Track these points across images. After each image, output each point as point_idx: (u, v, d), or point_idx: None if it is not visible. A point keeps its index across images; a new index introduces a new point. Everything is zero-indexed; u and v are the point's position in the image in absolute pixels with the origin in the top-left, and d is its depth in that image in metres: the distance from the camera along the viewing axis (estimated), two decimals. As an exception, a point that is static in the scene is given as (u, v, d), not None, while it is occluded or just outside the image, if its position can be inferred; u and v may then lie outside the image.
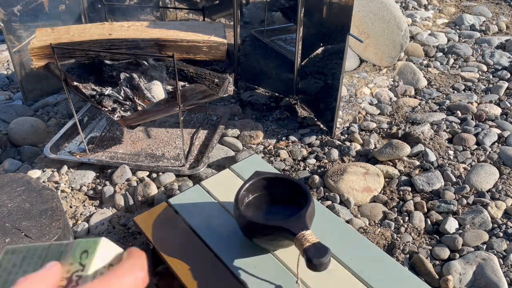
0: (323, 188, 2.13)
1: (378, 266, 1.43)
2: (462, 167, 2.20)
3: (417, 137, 2.41)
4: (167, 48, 2.31)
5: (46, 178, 2.21)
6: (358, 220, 1.94)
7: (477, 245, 1.81)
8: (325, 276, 1.38)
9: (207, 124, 2.64)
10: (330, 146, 2.41)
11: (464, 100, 2.82)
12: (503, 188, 2.08)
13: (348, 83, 3.00)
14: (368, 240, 1.55)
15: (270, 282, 1.38)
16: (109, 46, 2.26)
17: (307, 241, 1.26)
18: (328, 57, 2.58)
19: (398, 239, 1.86)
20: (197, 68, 2.35)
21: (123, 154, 2.35)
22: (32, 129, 2.50)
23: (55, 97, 2.89)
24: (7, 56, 3.38)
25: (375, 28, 3.09)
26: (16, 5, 2.66)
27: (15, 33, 2.65)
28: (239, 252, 1.48)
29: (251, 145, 2.47)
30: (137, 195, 2.08)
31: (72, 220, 2.01)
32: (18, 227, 1.51)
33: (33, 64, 2.22)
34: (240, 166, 1.91)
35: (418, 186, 2.10)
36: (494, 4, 4.39)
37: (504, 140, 2.41)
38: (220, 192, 1.75)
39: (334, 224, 1.61)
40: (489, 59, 3.32)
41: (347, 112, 2.73)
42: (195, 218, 1.63)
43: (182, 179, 2.20)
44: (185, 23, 2.99)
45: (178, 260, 1.46)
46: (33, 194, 1.65)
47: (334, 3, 2.41)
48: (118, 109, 2.18)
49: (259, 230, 1.41)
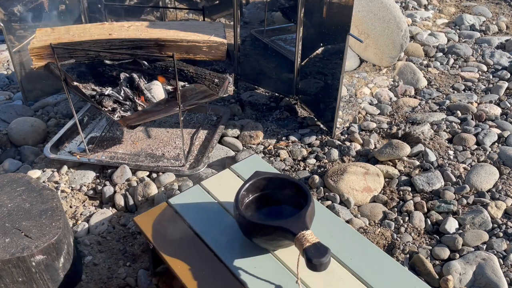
0: (323, 188, 2.13)
1: (378, 266, 1.43)
2: (462, 167, 2.20)
3: (417, 137, 2.41)
4: (167, 48, 2.31)
5: (46, 178, 2.21)
6: (358, 220, 1.94)
7: (477, 245, 1.81)
8: (325, 276, 1.38)
9: (207, 124, 2.64)
10: (330, 146, 2.41)
11: (464, 100, 2.82)
12: (503, 188, 2.08)
13: (348, 83, 3.00)
14: (368, 240, 1.55)
15: (270, 282, 1.38)
16: (109, 46, 2.26)
17: (307, 241, 1.26)
18: (328, 57, 2.58)
19: (398, 239, 1.86)
20: (197, 68, 2.35)
21: (123, 154, 2.35)
22: (32, 129, 2.50)
23: (55, 97, 2.89)
24: (7, 56, 3.38)
25: (375, 28, 3.09)
26: (16, 5, 2.66)
27: (15, 33, 2.65)
28: (239, 252, 1.48)
29: (251, 145, 2.47)
30: (137, 195, 2.08)
31: (72, 220, 2.01)
32: (18, 227, 1.51)
33: (33, 64, 2.22)
34: (240, 166, 1.91)
35: (418, 186, 2.10)
36: (494, 4, 4.39)
37: (504, 140, 2.41)
38: (220, 192, 1.75)
39: (334, 224, 1.61)
40: (489, 59, 3.32)
41: (347, 112, 2.73)
42: (195, 218, 1.63)
43: (182, 179, 2.20)
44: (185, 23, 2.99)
45: (178, 260, 1.46)
46: (33, 194, 1.65)
47: (334, 3, 2.41)
48: (118, 109, 2.18)
49: (259, 230, 1.41)
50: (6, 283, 1.44)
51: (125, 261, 1.81)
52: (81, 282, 1.71)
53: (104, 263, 1.80)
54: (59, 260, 1.54)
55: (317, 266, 1.21)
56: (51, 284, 1.55)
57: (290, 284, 1.37)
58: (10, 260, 1.40)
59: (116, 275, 1.74)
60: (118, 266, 1.79)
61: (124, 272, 1.76)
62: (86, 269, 1.76)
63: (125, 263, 1.80)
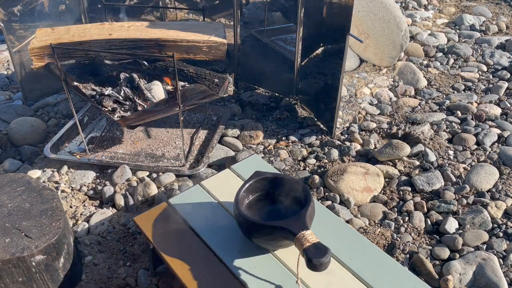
0: (323, 188, 2.13)
1: (378, 266, 1.43)
2: (462, 167, 2.20)
3: (417, 137, 2.41)
4: (167, 48, 2.31)
5: (46, 178, 2.21)
6: (358, 220, 1.94)
7: (477, 245, 1.81)
8: (325, 276, 1.38)
9: (207, 124, 2.64)
10: (330, 146, 2.41)
11: (464, 100, 2.82)
12: (503, 188, 2.08)
13: (348, 83, 3.00)
14: (368, 240, 1.55)
15: (270, 282, 1.38)
16: (109, 46, 2.26)
17: (307, 241, 1.26)
18: (328, 57, 2.58)
19: (398, 239, 1.86)
20: (197, 68, 2.35)
21: (123, 154, 2.35)
22: (32, 129, 2.50)
23: (55, 97, 2.89)
24: (7, 56, 3.38)
25: (375, 28, 3.09)
26: (16, 5, 2.66)
27: (15, 33, 2.65)
28: (239, 252, 1.48)
29: (251, 145, 2.47)
30: (137, 195, 2.08)
31: (72, 220, 2.01)
32: (18, 227, 1.51)
33: (33, 64, 2.22)
34: (240, 166, 1.91)
35: (418, 186, 2.10)
36: (494, 4, 4.39)
37: (504, 140, 2.41)
38: (220, 192, 1.75)
39: (334, 224, 1.61)
40: (489, 59, 3.32)
41: (347, 112, 2.73)
42: (195, 218, 1.63)
43: (182, 179, 2.20)
44: (185, 23, 2.99)
45: (178, 260, 1.46)
46: (33, 194, 1.65)
47: (334, 3, 2.41)
48: (118, 109, 2.18)
49: (259, 230, 1.41)
50: (6, 283, 1.44)
51: (125, 261, 1.81)
52: (81, 282, 1.71)
53: (104, 263, 1.80)
54: (59, 260, 1.54)
55: (317, 266, 1.22)
56: (51, 284, 1.55)
57: (290, 284, 1.37)
58: (10, 260, 1.40)
59: (116, 275, 1.74)
60: (118, 266, 1.79)
61: (124, 272, 1.76)
62: (86, 269, 1.76)
63: (125, 263, 1.80)
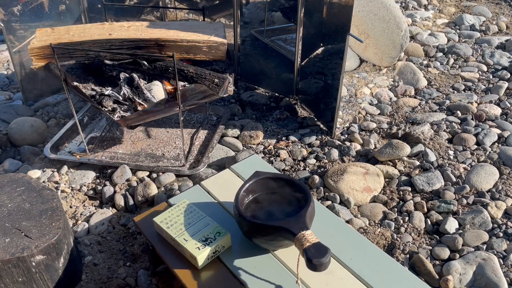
0: (323, 188, 2.13)
1: (378, 266, 1.43)
2: (462, 167, 2.20)
3: (417, 137, 2.41)
4: (167, 48, 2.31)
5: (46, 178, 2.21)
6: (358, 220, 1.94)
7: (477, 245, 1.81)
8: (325, 276, 1.38)
9: (207, 124, 2.64)
10: (330, 146, 2.41)
11: (464, 100, 2.82)
12: (503, 188, 2.08)
13: (348, 83, 3.00)
14: (368, 240, 1.55)
15: (270, 282, 1.38)
16: (109, 46, 2.26)
17: (307, 241, 1.26)
18: (328, 57, 2.58)
19: (398, 239, 1.86)
20: (197, 68, 2.35)
21: (123, 154, 2.35)
22: (32, 129, 2.50)
23: (55, 97, 2.89)
24: (7, 56, 3.38)
25: (375, 28, 3.09)
26: (16, 5, 2.66)
27: (15, 33, 2.65)
28: (239, 252, 1.48)
29: (251, 145, 2.47)
30: (137, 195, 2.08)
31: (72, 220, 2.01)
32: (18, 227, 1.51)
33: (33, 64, 2.22)
34: (240, 166, 1.91)
35: (418, 186, 2.10)
36: (494, 4, 4.39)
37: (504, 140, 2.41)
38: (220, 192, 1.75)
39: (334, 224, 1.61)
40: (489, 59, 3.32)
41: (347, 112, 2.73)
42: (195, 218, 1.63)
43: (182, 179, 2.20)
44: (185, 23, 2.99)
45: (178, 260, 1.46)
46: (33, 194, 1.65)
47: (334, 3, 2.41)
48: (118, 109, 2.18)
49: (259, 230, 1.41)
50: (6, 283, 1.44)
51: (125, 261, 1.81)
52: (81, 282, 1.71)
53: (104, 263, 1.80)
54: (59, 260, 1.54)
55: (317, 266, 1.21)
56: (51, 284, 1.55)
57: (290, 284, 1.37)
58: (10, 260, 1.40)
59: (116, 275, 1.74)
60: (118, 266, 1.79)
61: (124, 272, 1.76)
62: (86, 269, 1.76)
63: (125, 263, 1.80)
